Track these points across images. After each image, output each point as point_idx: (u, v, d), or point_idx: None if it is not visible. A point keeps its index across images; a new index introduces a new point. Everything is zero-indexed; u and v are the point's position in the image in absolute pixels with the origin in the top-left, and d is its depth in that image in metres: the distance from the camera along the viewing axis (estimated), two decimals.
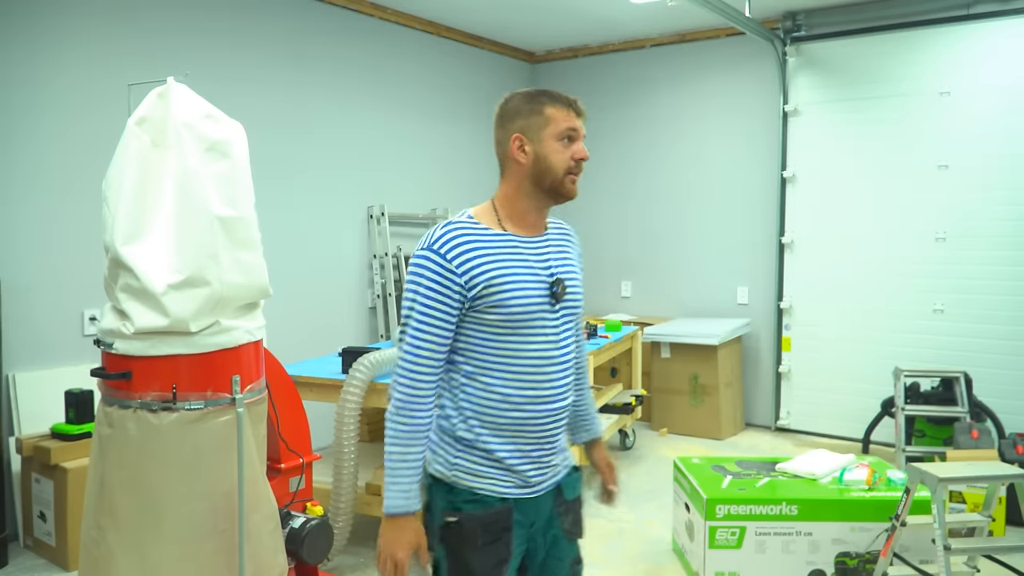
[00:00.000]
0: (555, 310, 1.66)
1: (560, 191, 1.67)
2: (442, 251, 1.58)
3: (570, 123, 1.64)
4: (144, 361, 2.09)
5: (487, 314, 1.59)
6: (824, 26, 5.40)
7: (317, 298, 4.97)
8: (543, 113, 1.63)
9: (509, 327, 1.60)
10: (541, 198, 1.68)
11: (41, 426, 3.53)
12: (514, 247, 1.64)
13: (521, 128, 1.65)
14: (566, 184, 1.66)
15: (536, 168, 1.64)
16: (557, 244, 1.76)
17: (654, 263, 6.21)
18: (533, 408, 1.64)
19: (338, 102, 5.08)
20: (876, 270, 5.21)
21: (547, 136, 1.63)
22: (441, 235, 1.60)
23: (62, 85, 3.71)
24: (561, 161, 1.64)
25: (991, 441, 4.03)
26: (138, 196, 2.11)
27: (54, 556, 3.38)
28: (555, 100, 1.64)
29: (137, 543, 2.08)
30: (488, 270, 1.58)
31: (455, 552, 1.63)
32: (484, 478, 1.64)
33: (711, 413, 5.45)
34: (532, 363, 1.63)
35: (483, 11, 5.50)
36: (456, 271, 1.57)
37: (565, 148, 1.64)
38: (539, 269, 1.66)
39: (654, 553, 3.58)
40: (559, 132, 1.63)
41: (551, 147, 1.63)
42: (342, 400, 3.24)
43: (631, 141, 6.28)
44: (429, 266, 1.58)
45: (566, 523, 1.77)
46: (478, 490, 1.64)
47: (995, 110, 4.80)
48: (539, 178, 1.65)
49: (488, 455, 1.64)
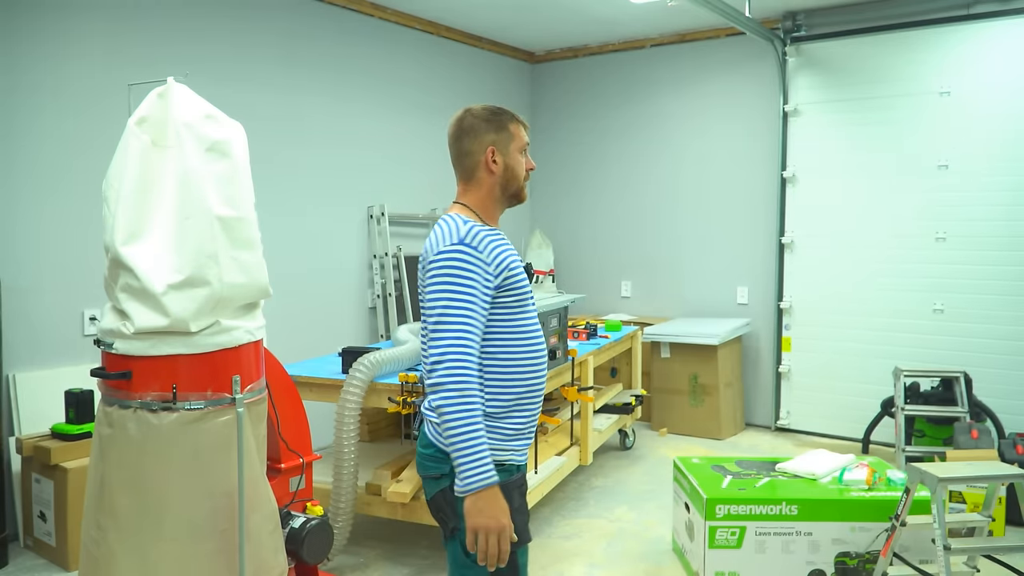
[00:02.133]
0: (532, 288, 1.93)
1: (519, 196, 1.95)
2: (475, 244, 1.75)
3: (525, 139, 1.94)
4: (144, 361, 2.09)
5: (506, 296, 1.80)
6: (824, 26, 5.40)
7: (317, 298, 4.97)
8: (508, 129, 1.90)
9: (520, 305, 1.83)
10: (506, 202, 1.94)
11: (41, 426, 3.53)
12: (504, 239, 1.88)
13: (493, 142, 1.88)
14: (524, 191, 1.96)
15: (505, 177, 1.90)
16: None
17: (654, 263, 6.21)
18: (540, 372, 1.87)
19: (338, 102, 5.08)
20: (876, 270, 5.21)
21: (513, 149, 1.90)
22: (468, 231, 1.77)
23: (62, 85, 3.71)
24: (522, 171, 1.93)
25: (991, 441, 4.03)
26: (138, 196, 2.11)
27: (54, 556, 3.38)
28: (514, 119, 1.93)
29: (137, 543, 2.08)
30: (506, 257, 1.80)
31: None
32: (506, 450, 1.82)
33: (711, 413, 5.45)
34: (535, 333, 1.87)
35: (483, 11, 5.50)
36: (488, 261, 1.76)
37: (523, 160, 1.93)
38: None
39: (654, 553, 3.58)
40: (521, 146, 1.92)
41: (516, 159, 1.91)
42: (342, 400, 3.24)
43: (631, 141, 6.28)
44: (465, 259, 1.74)
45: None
46: (503, 460, 1.80)
47: (995, 110, 4.80)
48: (506, 185, 1.91)
49: (511, 425, 1.82)
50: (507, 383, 1.81)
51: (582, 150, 6.53)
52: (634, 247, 6.31)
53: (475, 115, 1.89)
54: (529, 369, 1.84)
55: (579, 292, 6.17)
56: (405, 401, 3.24)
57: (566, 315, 3.94)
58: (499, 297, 1.79)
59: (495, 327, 1.80)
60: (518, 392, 1.82)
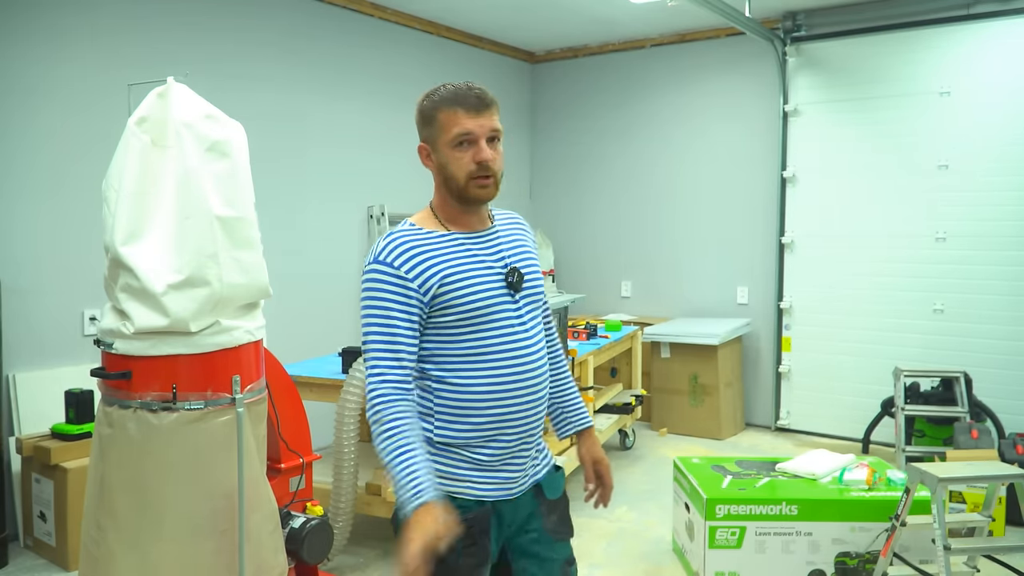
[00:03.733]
0: (516, 300, 1.63)
1: (467, 197, 1.60)
2: (389, 260, 1.55)
3: (461, 127, 1.56)
4: (144, 361, 2.09)
5: (447, 315, 1.57)
6: (824, 26, 5.40)
7: (317, 298, 4.97)
8: (436, 120, 1.59)
9: (471, 324, 1.58)
10: (461, 203, 1.63)
11: (41, 426, 3.52)
12: (461, 245, 1.62)
13: (425, 138, 1.63)
14: (471, 190, 1.59)
15: (442, 176, 1.62)
16: (508, 234, 1.72)
17: (654, 263, 6.21)
18: (510, 401, 1.61)
19: (339, 102, 5.08)
20: (876, 270, 5.20)
21: (442, 145, 1.59)
22: (385, 246, 1.57)
23: (62, 84, 3.70)
24: (460, 168, 1.58)
25: (991, 441, 4.03)
26: (138, 196, 2.11)
27: (54, 556, 3.38)
28: (445, 103, 1.58)
29: (137, 543, 2.08)
30: (439, 271, 1.56)
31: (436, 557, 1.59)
32: (460, 481, 1.61)
33: (711, 413, 5.45)
34: (502, 356, 1.60)
35: (483, 11, 5.50)
36: (407, 277, 1.54)
37: (463, 153, 1.57)
38: (492, 262, 1.63)
39: (654, 553, 3.58)
40: (451, 139, 1.57)
41: (448, 155, 1.58)
42: (342, 400, 3.24)
43: (631, 141, 6.28)
44: (380, 279, 1.55)
45: (549, 523, 1.73)
46: (456, 495, 1.60)
47: (995, 110, 4.80)
48: (447, 185, 1.61)
49: (466, 455, 1.61)
50: (461, 413, 1.59)
51: (582, 150, 6.53)
52: (634, 247, 6.31)
53: (418, 105, 1.64)
54: (490, 397, 1.58)
55: (579, 292, 6.16)
56: None
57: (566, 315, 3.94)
58: (441, 315, 1.56)
59: (438, 349, 1.59)
60: (478, 423, 1.59)
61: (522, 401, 1.62)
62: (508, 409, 1.61)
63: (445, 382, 1.60)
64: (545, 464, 1.76)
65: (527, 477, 1.70)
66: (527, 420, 1.65)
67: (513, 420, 1.62)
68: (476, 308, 1.57)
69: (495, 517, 1.65)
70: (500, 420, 1.61)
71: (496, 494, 1.64)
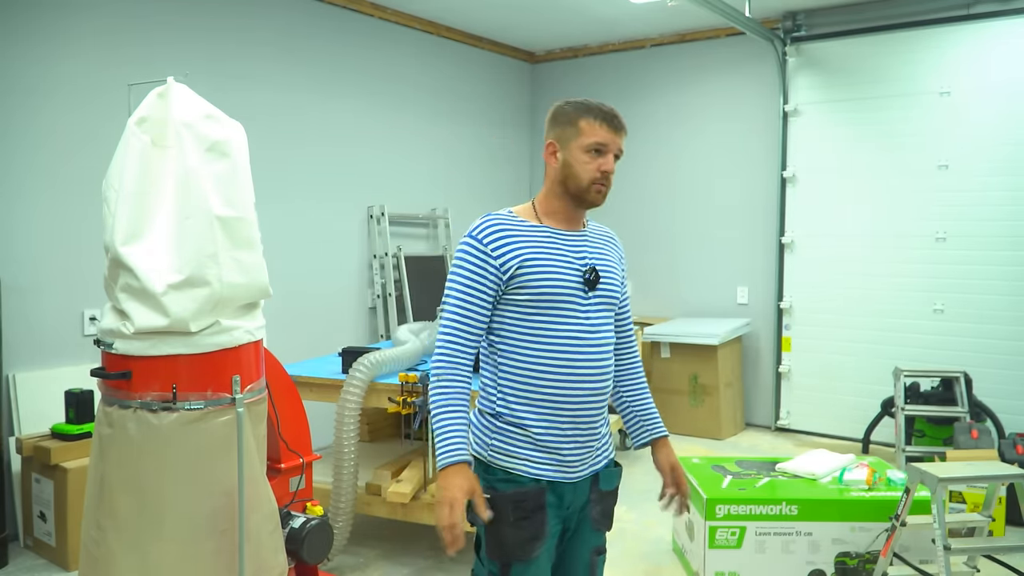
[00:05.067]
0: (587, 297, 1.77)
1: (584, 198, 1.79)
2: (479, 237, 1.75)
3: (599, 137, 1.75)
4: (144, 361, 2.09)
5: (520, 295, 1.73)
6: (824, 26, 5.40)
7: (317, 298, 4.97)
8: (577, 125, 1.77)
9: (542, 307, 1.73)
10: (569, 200, 1.81)
11: (41, 426, 3.52)
12: (548, 236, 1.79)
13: (557, 136, 1.80)
14: (591, 193, 1.78)
15: (563, 173, 1.78)
16: (595, 242, 1.88)
17: (654, 263, 6.21)
18: (567, 385, 1.74)
19: (339, 102, 5.08)
20: (876, 270, 5.20)
21: (575, 147, 1.77)
22: (479, 224, 1.77)
23: (62, 84, 3.71)
24: (586, 171, 1.76)
25: (991, 441, 4.03)
26: (138, 196, 2.11)
27: (54, 556, 3.38)
28: (591, 113, 1.77)
29: (137, 543, 2.08)
30: (520, 254, 1.73)
31: (490, 527, 1.72)
32: (518, 459, 1.75)
33: (711, 413, 5.45)
34: (564, 342, 1.74)
35: (483, 11, 5.50)
36: (491, 254, 1.73)
37: (592, 160, 1.76)
38: (573, 257, 1.79)
39: (654, 553, 3.58)
40: (586, 145, 1.76)
41: (577, 157, 1.76)
42: (342, 400, 3.24)
43: (631, 141, 6.20)
44: (468, 251, 1.75)
45: (594, 511, 1.86)
46: (512, 470, 1.75)
47: (995, 110, 4.80)
48: (566, 183, 1.79)
49: (524, 432, 1.75)
50: (519, 385, 1.75)
51: None
52: (634, 247, 6.27)
53: (556, 107, 1.82)
54: (548, 377, 1.73)
55: None
56: (405, 401, 3.23)
57: None
58: (515, 294, 1.73)
59: (507, 324, 1.76)
60: (535, 399, 1.74)
61: (579, 387, 1.75)
62: (564, 393, 1.74)
63: (510, 357, 1.76)
64: (606, 456, 1.90)
65: (586, 465, 1.82)
66: (584, 407, 1.77)
67: (569, 404, 1.75)
68: (548, 292, 1.73)
69: (554, 496, 1.77)
70: (554, 401, 1.74)
71: (550, 474, 1.76)
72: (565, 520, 1.82)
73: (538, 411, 1.74)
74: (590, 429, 1.81)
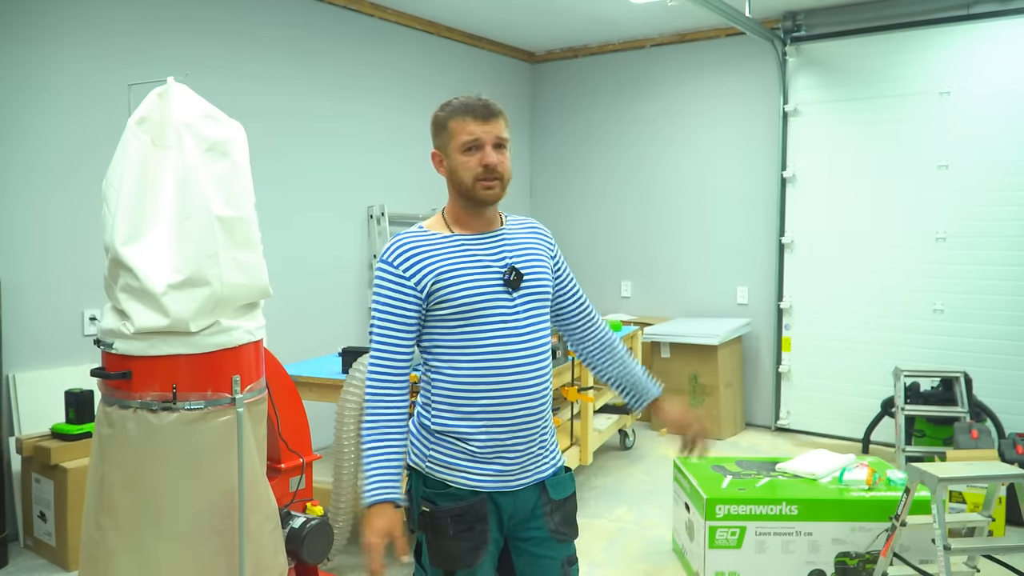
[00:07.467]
0: (513, 298, 1.73)
1: (473, 198, 1.73)
2: (391, 260, 1.71)
3: (469, 134, 1.70)
4: (144, 361, 2.09)
5: (442, 309, 1.70)
6: (824, 26, 5.40)
7: (317, 298, 4.97)
8: (448, 128, 1.73)
9: (466, 317, 1.69)
10: (466, 204, 1.76)
11: (41, 426, 3.52)
12: (461, 245, 1.74)
13: (438, 145, 1.77)
14: (477, 191, 1.72)
15: (452, 180, 1.75)
16: (515, 238, 1.82)
17: (654, 263, 6.21)
18: (501, 394, 1.70)
19: (338, 102, 5.08)
20: (876, 270, 5.20)
21: (452, 150, 1.72)
22: (389, 247, 1.73)
23: (62, 84, 3.70)
24: (467, 171, 1.71)
25: (991, 441, 4.03)
26: (138, 196, 2.11)
27: (54, 556, 3.38)
28: (457, 112, 1.71)
29: (137, 543, 2.08)
30: (434, 269, 1.69)
31: (431, 539, 1.72)
32: (456, 470, 1.72)
33: (711, 413, 5.45)
34: (493, 351, 1.69)
35: (483, 11, 5.50)
36: (405, 276, 1.69)
37: (470, 157, 1.71)
38: (490, 260, 1.74)
39: (654, 553, 3.58)
40: (461, 144, 1.71)
41: (457, 160, 1.72)
42: (342, 400, 3.24)
43: (631, 141, 6.28)
44: (383, 276, 1.72)
45: (552, 523, 1.79)
46: (450, 482, 1.72)
47: (995, 110, 4.80)
48: (457, 188, 1.74)
49: (460, 445, 1.71)
50: (453, 402, 1.70)
51: (582, 150, 6.53)
52: (634, 247, 6.31)
53: (432, 116, 1.77)
54: (481, 388, 1.69)
55: None
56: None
57: None
58: (437, 309, 1.69)
59: (436, 339, 1.73)
60: (469, 412, 1.69)
61: (512, 394, 1.70)
62: (497, 401, 1.70)
63: (441, 372, 1.73)
64: (552, 464, 1.82)
65: (527, 473, 1.76)
66: (521, 414, 1.72)
67: (503, 412, 1.70)
68: (467, 302, 1.68)
69: (494, 506, 1.73)
70: (489, 411, 1.70)
71: (490, 485, 1.72)
72: (509, 531, 1.78)
73: (474, 423, 1.70)
74: (530, 436, 1.74)
